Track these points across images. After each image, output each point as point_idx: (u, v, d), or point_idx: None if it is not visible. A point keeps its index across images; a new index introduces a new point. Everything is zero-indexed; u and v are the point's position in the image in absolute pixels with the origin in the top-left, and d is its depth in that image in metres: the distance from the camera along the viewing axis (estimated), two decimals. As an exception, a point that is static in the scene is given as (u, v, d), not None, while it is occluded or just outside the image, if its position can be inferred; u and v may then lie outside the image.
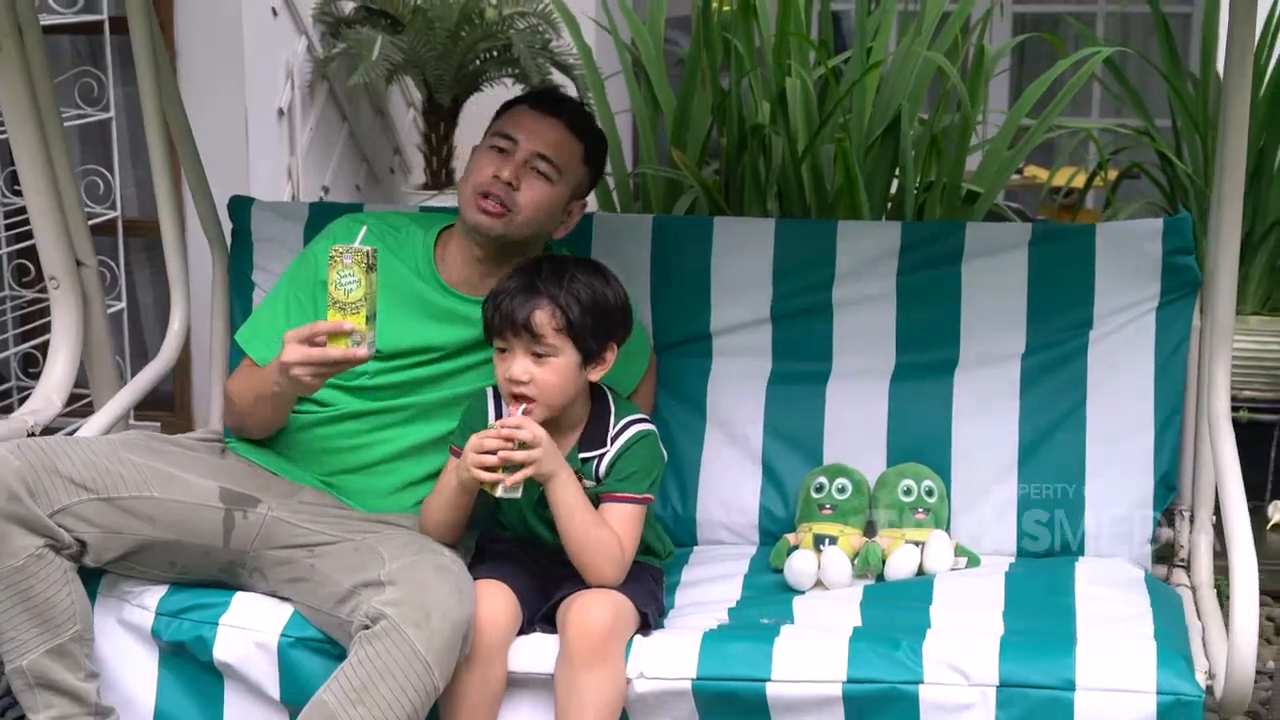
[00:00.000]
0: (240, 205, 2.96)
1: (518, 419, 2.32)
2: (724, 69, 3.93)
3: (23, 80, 2.71)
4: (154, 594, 2.43)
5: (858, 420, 2.78)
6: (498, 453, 2.28)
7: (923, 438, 2.75)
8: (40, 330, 3.82)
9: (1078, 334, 2.73)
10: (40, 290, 3.71)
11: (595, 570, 2.35)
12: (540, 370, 2.35)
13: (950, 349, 2.77)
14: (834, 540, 2.63)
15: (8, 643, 2.33)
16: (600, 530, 2.36)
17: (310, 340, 2.33)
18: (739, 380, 2.82)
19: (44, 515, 2.30)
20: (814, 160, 3.69)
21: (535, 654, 2.32)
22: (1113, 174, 4.40)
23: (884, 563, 2.63)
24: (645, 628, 2.36)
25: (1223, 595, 2.45)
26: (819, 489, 2.74)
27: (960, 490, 2.72)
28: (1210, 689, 2.24)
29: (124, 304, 4.02)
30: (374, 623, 2.19)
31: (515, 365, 2.35)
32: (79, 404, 3.10)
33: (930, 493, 2.70)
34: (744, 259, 2.82)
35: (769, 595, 2.57)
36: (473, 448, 2.30)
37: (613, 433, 2.44)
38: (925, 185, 3.73)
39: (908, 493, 2.71)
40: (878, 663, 2.23)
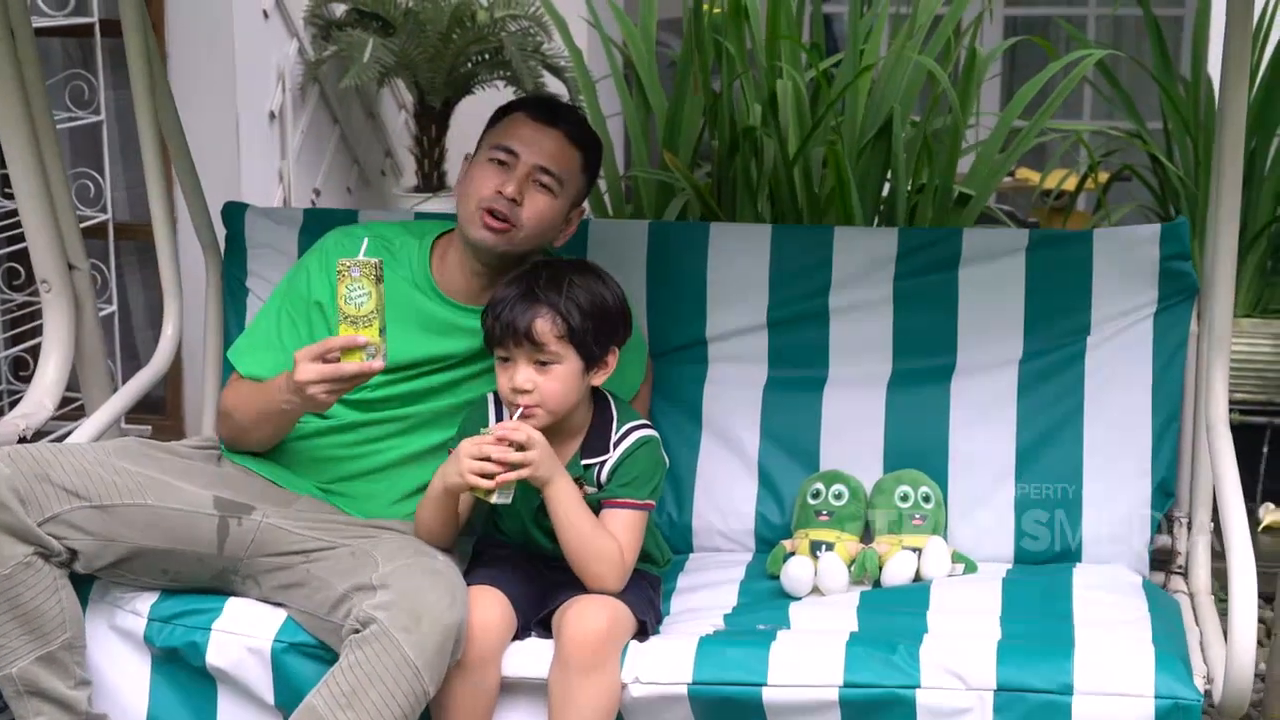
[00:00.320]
0: (235, 211, 2.96)
1: (515, 423, 2.31)
2: (715, 71, 3.93)
3: (14, 83, 2.70)
4: (146, 600, 2.42)
5: (854, 426, 2.77)
6: (492, 457, 2.26)
7: (920, 444, 2.75)
8: (31, 334, 3.81)
9: (1075, 340, 2.73)
10: (31, 294, 3.70)
11: (596, 577, 2.34)
12: (543, 378, 2.34)
13: (947, 355, 2.77)
14: (831, 547, 2.63)
15: (-3, 650, 2.31)
16: (600, 537, 2.35)
17: (324, 357, 2.30)
18: (735, 386, 2.82)
19: (33, 524, 2.28)
20: (806, 163, 3.68)
21: (529, 660, 2.31)
22: (1104, 176, 4.40)
23: (881, 569, 2.62)
24: (642, 635, 2.35)
25: (1219, 598, 2.45)
26: (815, 495, 2.73)
27: (957, 496, 2.72)
28: (1208, 693, 2.24)
29: (115, 307, 4.01)
30: (364, 626, 2.19)
31: (519, 374, 2.34)
32: (70, 407, 3.09)
33: (927, 499, 2.70)
34: (740, 265, 2.81)
35: (766, 602, 2.57)
36: (466, 453, 2.29)
37: (615, 439, 2.44)
38: (917, 188, 3.73)
39: (904, 499, 2.70)
40: (875, 667, 2.23)
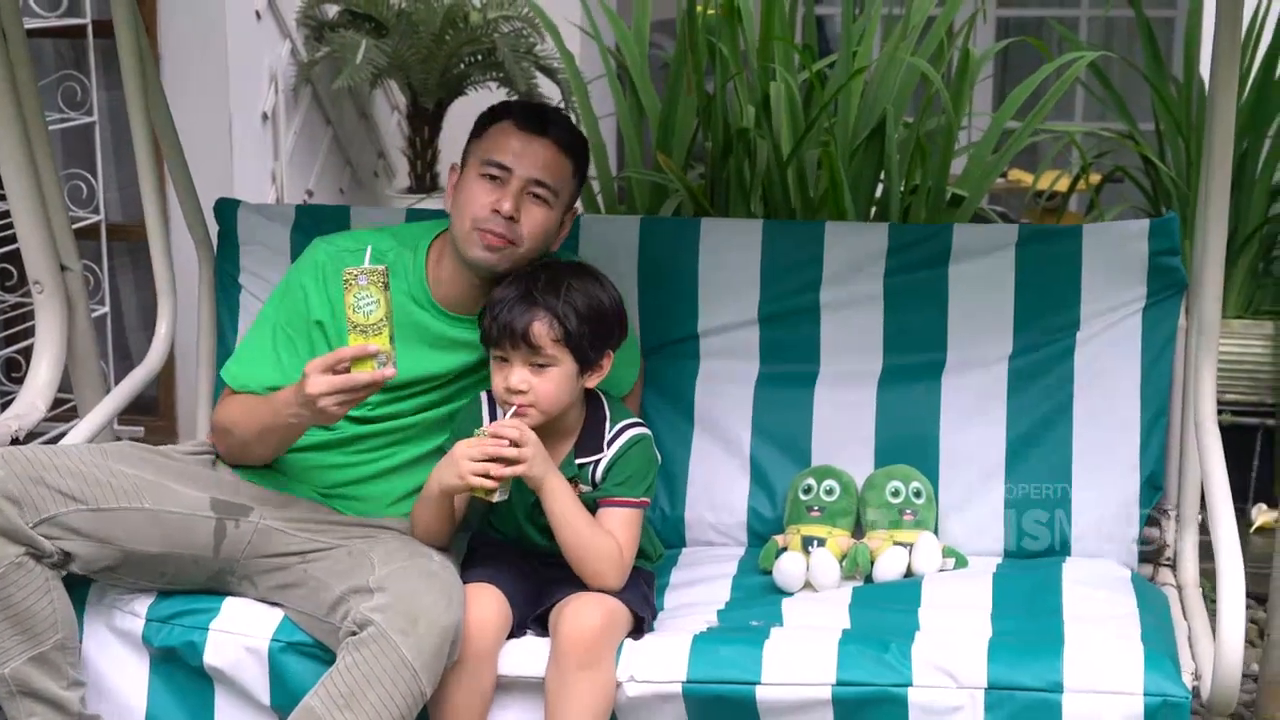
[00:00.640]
0: (227, 208, 2.95)
1: (510, 421, 2.32)
2: (709, 73, 3.93)
3: (6, 84, 2.70)
4: (144, 600, 2.42)
5: (846, 422, 2.78)
6: (489, 455, 2.27)
7: (910, 439, 2.75)
8: (23, 335, 3.80)
9: (1065, 335, 2.73)
10: (23, 295, 3.69)
11: (596, 575, 2.34)
12: (539, 380, 2.35)
13: (938, 351, 2.77)
14: (822, 542, 2.64)
15: (-11, 651, 2.31)
16: (598, 535, 2.36)
17: (334, 368, 2.27)
18: (727, 382, 2.82)
19: (24, 525, 2.28)
20: (799, 164, 3.69)
21: (525, 657, 2.31)
22: (1096, 177, 4.41)
23: (872, 564, 2.63)
24: (638, 632, 2.36)
25: (1208, 598, 2.46)
26: (807, 491, 2.74)
27: (948, 492, 2.73)
28: (1196, 690, 2.25)
29: (108, 308, 4.00)
30: (361, 629, 2.19)
31: (514, 375, 2.35)
32: (62, 408, 3.08)
33: (918, 494, 2.70)
34: (732, 261, 2.82)
35: (758, 597, 2.57)
36: (463, 455, 2.29)
37: (608, 437, 2.44)
38: (910, 189, 3.73)
39: (896, 494, 2.71)
40: (867, 665, 2.24)
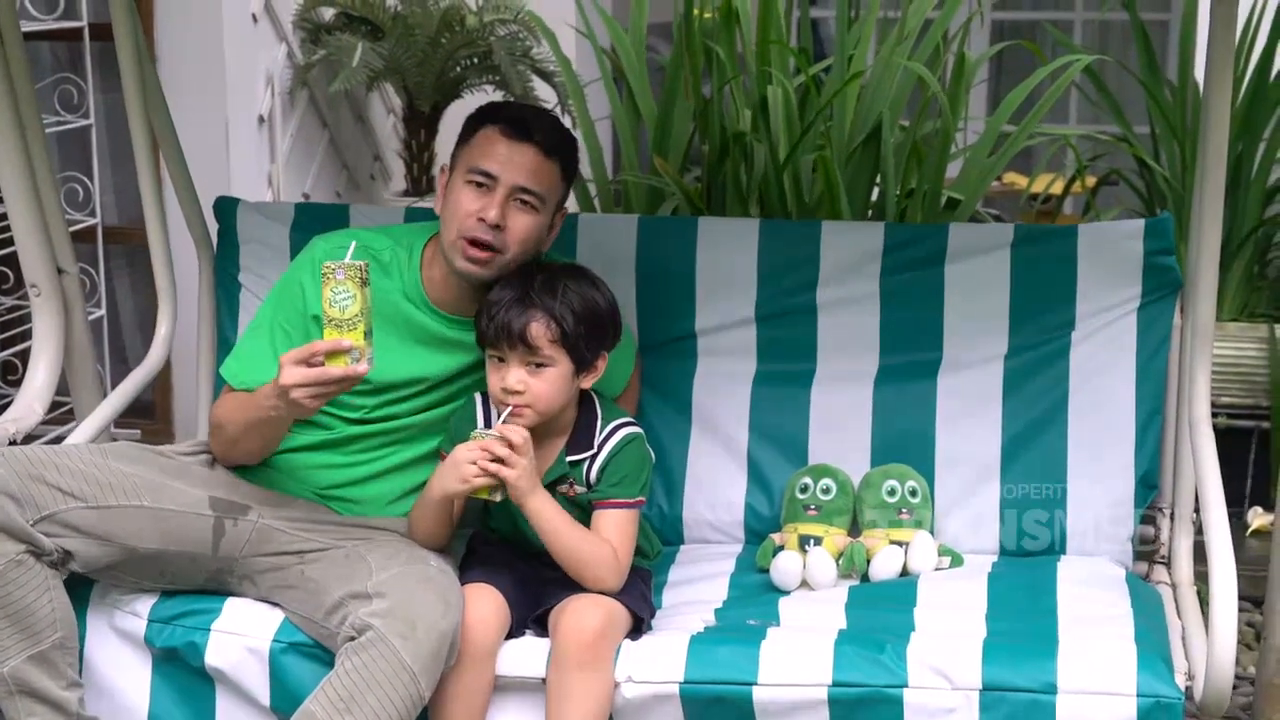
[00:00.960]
0: (226, 206, 2.96)
1: (515, 428, 2.32)
2: (705, 76, 3.94)
3: (4, 86, 2.70)
4: (146, 600, 2.43)
5: (842, 421, 2.79)
6: (494, 454, 2.28)
7: (906, 438, 2.76)
8: (19, 338, 3.80)
9: (1060, 335, 2.74)
10: (19, 298, 3.69)
11: (595, 580, 2.36)
12: (535, 380, 2.36)
13: (933, 350, 2.78)
14: (819, 541, 2.65)
15: (-12, 649, 2.31)
16: (589, 541, 2.37)
17: (308, 361, 2.27)
18: (724, 380, 2.83)
19: (25, 522, 2.28)
20: (795, 168, 3.70)
21: (523, 657, 2.32)
22: (1091, 181, 4.42)
23: (869, 563, 2.64)
24: (637, 631, 2.37)
25: (1203, 599, 2.47)
26: (804, 490, 2.75)
27: (944, 491, 2.74)
28: (1189, 691, 2.25)
29: (104, 311, 4.00)
30: (360, 634, 2.20)
31: (510, 375, 2.36)
32: (58, 411, 3.08)
33: (914, 493, 2.71)
34: (729, 259, 2.83)
35: (755, 596, 2.58)
36: (465, 459, 2.30)
37: (600, 437, 2.45)
38: (906, 192, 3.74)
39: (892, 493, 2.71)
40: (863, 666, 2.25)
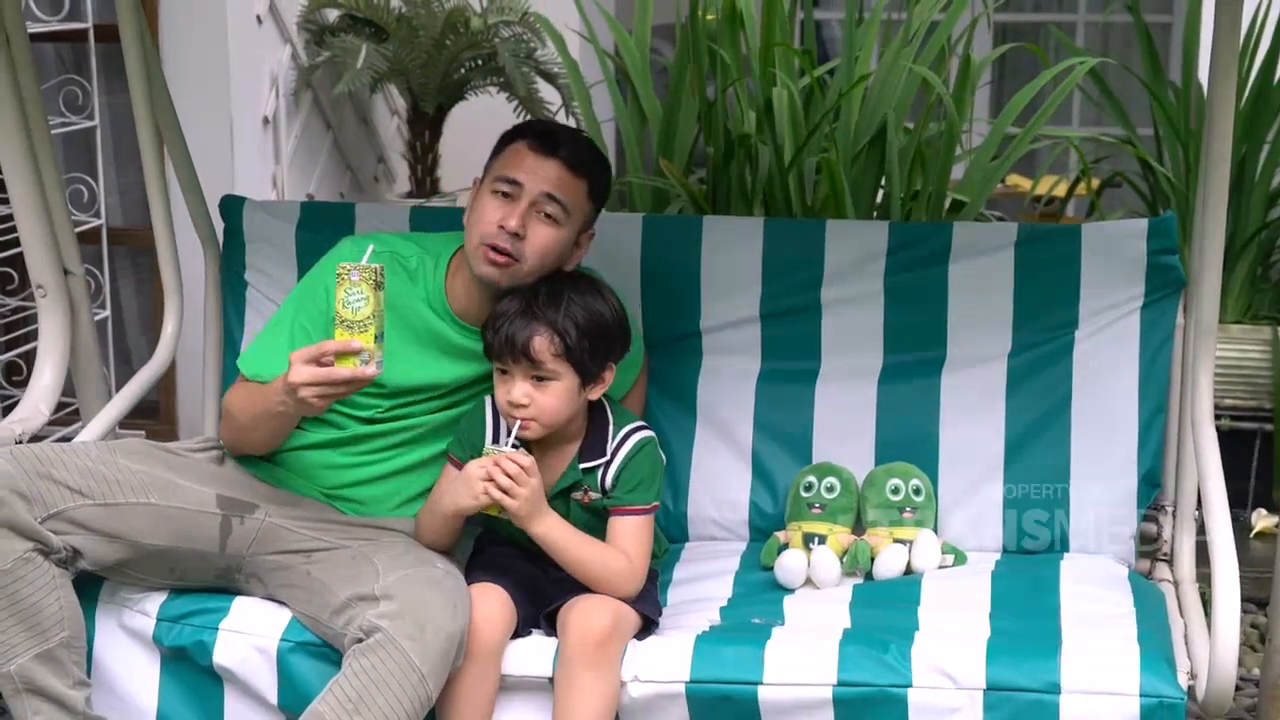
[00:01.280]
0: (232, 205, 2.97)
1: (522, 456, 2.32)
2: (710, 78, 3.94)
3: (9, 88, 2.71)
4: (155, 599, 2.43)
5: (846, 419, 2.79)
6: (508, 473, 2.30)
7: (910, 437, 2.77)
8: (25, 339, 3.81)
9: (1063, 334, 2.75)
10: (25, 298, 3.70)
11: (611, 590, 2.36)
12: (540, 394, 2.37)
13: (937, 349, 2.79)
14: (823, 539, 2.65)
15: (-5, 647, 2.31)
16: (602, 555, 2.38)
17: (318, 360, 2.27)
18: (729, 378, 2.84)
19: (33, 520, 2.29)
20: (800, 170, 3.70)
21: (530, 657, 2.33)
22: (1095, 182, 4.42)
23: (873, 561, 2.64)
24: (645, 631, 2.37)
25: (1208, 601, 2.47)
26: (808, 488, 2.76)
27: (947, 489, 2.74)
28: (1192, 690, 2.25)
29: (109, 312, 4.01)
30: (369, 635, 2.20)
31: (515, 389, 2.37)
32: (64, 412, 3.09)
33: (918, 491, 2.72)
34: (733, 258, 2.83)
35: (760, 594, 2.59)
36: (475, 475, 2.31)
37: (613, 443, 2.46)
38: (911, 195, 3.74)
39: (896, 491, 2.72)
40: (867, 666, 2.25)
